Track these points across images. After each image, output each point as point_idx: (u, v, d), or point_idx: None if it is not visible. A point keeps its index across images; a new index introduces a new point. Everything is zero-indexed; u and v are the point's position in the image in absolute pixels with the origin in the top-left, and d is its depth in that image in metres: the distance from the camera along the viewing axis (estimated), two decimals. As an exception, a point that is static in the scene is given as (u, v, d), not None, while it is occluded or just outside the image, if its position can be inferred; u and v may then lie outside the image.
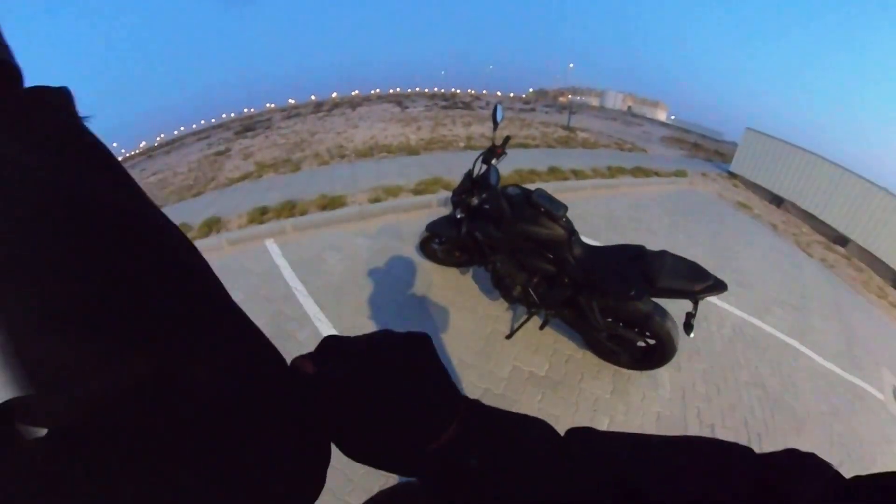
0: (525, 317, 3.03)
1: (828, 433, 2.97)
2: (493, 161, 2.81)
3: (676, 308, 2.51)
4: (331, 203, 4.87)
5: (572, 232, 2.62)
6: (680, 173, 8.76)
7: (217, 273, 0.31)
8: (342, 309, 3.31)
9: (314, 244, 4.18)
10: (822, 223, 8.25)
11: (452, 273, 3.75)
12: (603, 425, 2.58)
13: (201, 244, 4.59)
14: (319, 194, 5.16)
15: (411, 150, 8.11)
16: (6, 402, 0.20)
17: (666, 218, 6.06)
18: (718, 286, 2.14)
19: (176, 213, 6.33)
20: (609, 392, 2.81)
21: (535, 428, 0.39)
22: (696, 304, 2.20)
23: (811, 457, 0.35)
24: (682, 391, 2.94)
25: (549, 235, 2.55)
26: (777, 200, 9.20)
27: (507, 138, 2.94)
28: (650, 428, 2.66)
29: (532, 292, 2.81)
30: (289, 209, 4.84)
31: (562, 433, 0.39)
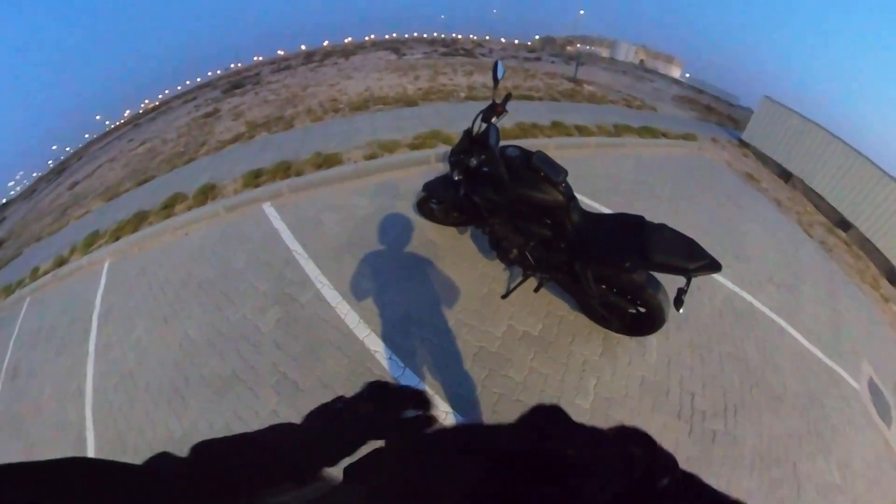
0: (521, 278, 3.16)
1: (802, 415, 3.15)
2: (494, 119, 2.77)
3: (670, 279, 2.59)
4: (326, 161, 4.93)
5: (571, 197, 2.65)
6: (689, 136, 8.64)
7: (216, 241, 0.39)
8: (342, 270, 3.47)
9: (312, 205, 4.30)
10: (828, 205, 8.27)
11: (450, 232, 3.86)
12: (590, 386, 2.80)
13: (198, 213, 4.73)
14: (314, 153, 5.21)
15: (409, 102, 7.98)
16: None
17: (670, 182, 6.06)
18: (713, 266, 2.20)
19: (169, 182, 6.45)
20: (598, 354, 3.01)
21: None
22: (689, 280, 2.26)
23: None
24: (668, 358, 3.12)
25: (547, 200, 2.58)
26: (785, 175, 9.16)
27: (508, 96, 2.91)
28: (634, 390, 2.86)
29: (528, 255, 2.91)
30: (284, 170, 4.92)
31: (549, 395, 0.51)
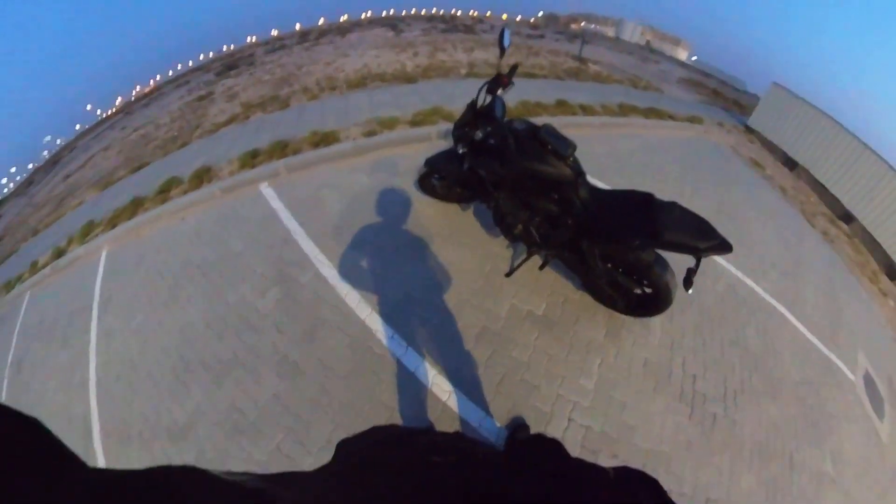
0: (525, 256, 3.12)
1: (799, 403, 3.20)
2: (499, 91, 2.73)
3: (677, 259, 2.59)
4: (323, 139, 4.88)
5: (579, 172, 2.60)
6: (695, 119, 8.60)
7: (213, 224, 0.38)
8: (342, 250, 3.45)
9: (309, 184, 4.26)
10: (832, 196, 8.29)
11: (453, 209, 3.82)
12: (594, 367, 2.83)
13: (195, 196, 4.73)
14: (311, 131, 5.17)
15: (408, 78, 7.88)
16: None
17: (675, 165, 6.05)
18: (724, 246, 2.18)
19: (164, 167, 6.41)
20: (602, 335, 3.02)
21: None
22: (698, 260, 2.25)
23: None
24: (671, 340, 3.14)
25: (555, 175, 2.54)
26: (791, 164, 9.15)
27: (515, 67, 2.82)
28: (637, 371, 2.88)
29: (534, 232, 2.87)
30: (280, 150, 4.88)
31: (553, 375, 0.53)
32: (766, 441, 2.81)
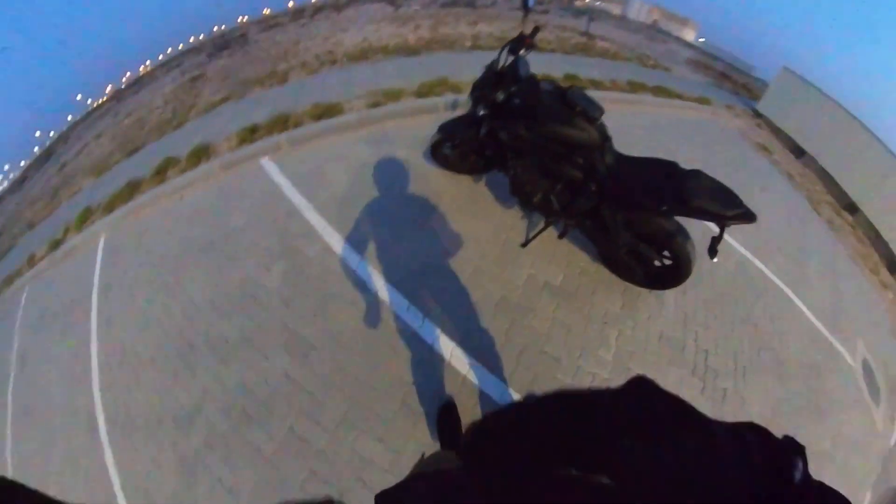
0: (542, 225, 3.10)
1: (804, 385, 3.28)
2: (521, 52, 2.69)
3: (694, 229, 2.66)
4: (326, 112, 4.78)
5: (606, 137, 2.60)
6: (703, 101, 8.62)
7: (213, 201, 0.32)
8: (350, 221, 3.39)
9: (313, 157, 4.18)
10: (837, 186, 8.28)
11: (465, 180, 3.75)
12: (612, 339, 2.85)
13: (193, 175, 4.66)
14: (312, 104, 5.07)
15: (411, 51, 7.73)
16: None
17: (685, 144, 6.09)
18: (748, 215, 2.20)
19: (159, 148, 6.36)
20: (619, 307, 3.04)
21: None
22: (723, 228, 2.26)
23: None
24: (684, 315, 3.20)
25: (582, 138, 2.51)
26: (798, 152, 9.08)
27: (537, 28, 2.77)
28: (653, 344, 2.91)
29: (554, 200, 2.83)
30: (281, 123, 4.79)
31: (573, 346, 0.50)
32: (772, 418, 2.88)
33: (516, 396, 2.50)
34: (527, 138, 2.66)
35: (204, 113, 7.06)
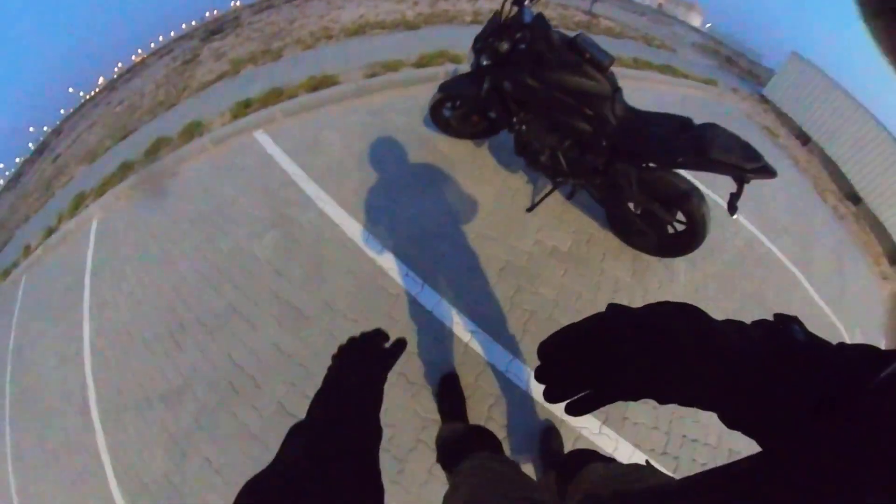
0: (549, 188, 3.03)
1: None
2: (526, 3, 2.62)
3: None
4: (322, 83, 4.69)
5: (616, 87, 2.52)
6: (710, 82, 8.60)
7: (205, 176, 0.25)
8: (346, 188, 3.31)
9: (308, 127, 4.09)
10: (842, 175, 8.35)
11: (466, 145, 3.66)
12: None
13: (185, 151, 4.60)
14: (308, 76, 4.98)
15: (409, 26, 7.62)
16: None
17: None
18: (769, 169, 2.15)
19: (151, 130, 6.33)
20: (629, 275, 2.98)
21: None
22: (742, 184, 2.19)
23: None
24: (694, 287, 3.17)
25: (591, 88, 2.43)
26: (804, 138, 9.14)
27: None
28: None
29: (562, 158, 2.75)
30: (275, 97, 4.70)
31: (583, 314, 0.49)
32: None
33: (524, 368, 2.41)
34: (533, 88, 2.57)
35: (197, 93, 7.00)
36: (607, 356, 0.47)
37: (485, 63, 2.75)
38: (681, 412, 2.41)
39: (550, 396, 0.48)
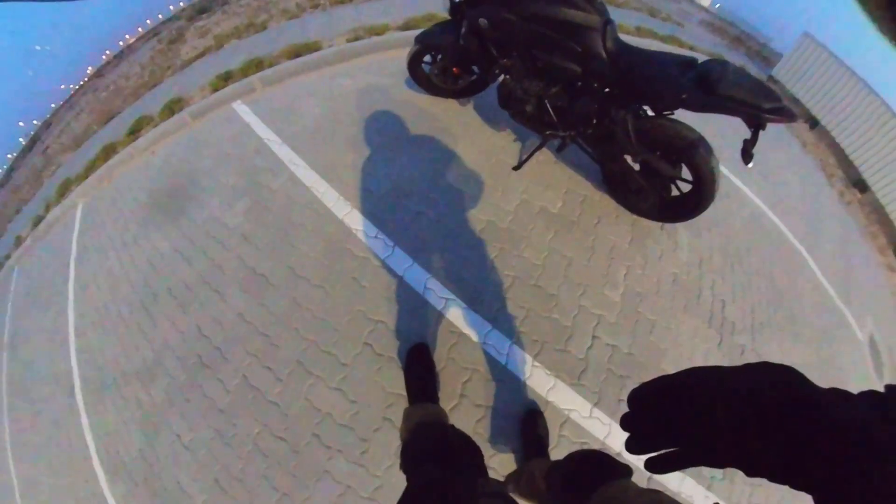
0: (537, 144, 2.87)
1: (815, 349, 3.22)
2: None
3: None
4: (303, 50, 4.63)
5: (608, 19, 2.29)
6: (717, 56, 8.20)
7: (185, 150, 0.20)
8: (319, 151, 3.26)
9: (286, 94, 4.04)
10: (849, 162, 8.36)
11: (450, 104, 3.53)
12: (620, 277, 2.65)
13: (164, 128, 4.59)
14: (289, 44, 4.91)
15: (400, -7, 7.50)
16: None
17: None
18: (789, 112, 1.94)
19: (134, 110, 6.37)
20: (627, 242, 2.83)
21: None
22: (756, 128, 1.99)
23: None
24: (699, 258, 3.02)
25: (576, 18, 2.23)
26: (812, 122, 9.16)
27: None
28: (666, 286, 2.73)
29: (549, 107, 2.57)
30: (255, 67, 4.65)
31: (573, 282, 0.57)
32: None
33: (504, 339, 2.32)
34: (511, 22, 2.39)
35: (180, 70, 6.97)
36: (700, 420, 0.45)
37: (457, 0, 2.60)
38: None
39: (633, 447, 0.48)
